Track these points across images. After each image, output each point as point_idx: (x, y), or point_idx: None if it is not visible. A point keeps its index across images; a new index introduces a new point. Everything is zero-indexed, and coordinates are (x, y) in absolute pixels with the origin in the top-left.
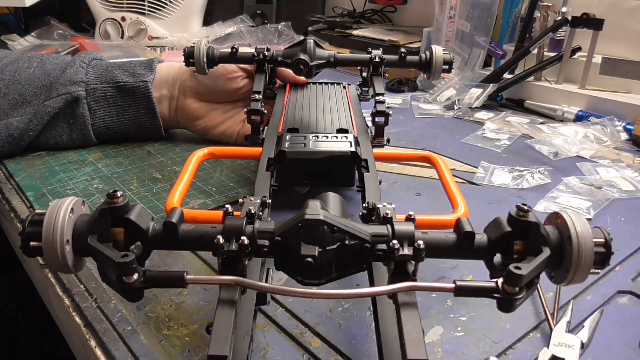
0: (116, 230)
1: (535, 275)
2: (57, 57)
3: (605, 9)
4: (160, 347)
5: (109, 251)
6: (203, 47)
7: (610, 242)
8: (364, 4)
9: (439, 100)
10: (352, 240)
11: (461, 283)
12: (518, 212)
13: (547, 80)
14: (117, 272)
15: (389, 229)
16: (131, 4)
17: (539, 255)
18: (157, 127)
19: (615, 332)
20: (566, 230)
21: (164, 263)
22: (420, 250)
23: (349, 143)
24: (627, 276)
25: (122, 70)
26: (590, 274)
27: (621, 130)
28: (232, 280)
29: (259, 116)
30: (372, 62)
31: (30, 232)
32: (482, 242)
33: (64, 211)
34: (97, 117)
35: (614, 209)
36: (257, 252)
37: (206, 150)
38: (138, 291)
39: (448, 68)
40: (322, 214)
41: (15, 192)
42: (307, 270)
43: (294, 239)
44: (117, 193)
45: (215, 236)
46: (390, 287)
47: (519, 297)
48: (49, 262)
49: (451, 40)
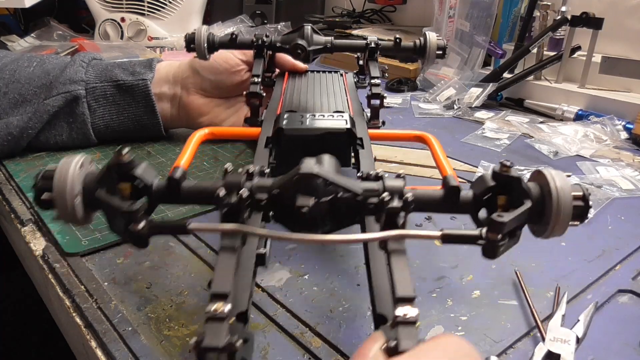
0: (123, 185)
1: (517, 225)
2: (57, 57)
3: (604, 8)
4: (160, 348)
5: (117, 201)
6: (203, 33)
7: (589, 196)
8: (363, 4)
9: (439, 99)
10: (346, 194)
11: (447, 231)
12: (501, 168)
13: (546, 80)
14: (125, 220)
15: (379, 185)
16: (131, 5)
17: (521, 207)
18: (157, 125)
19: (616, 331)
20: (546, 185)
21: (165, 263)
22: (409, 202)
23: (345, 121)
24: (627, 275)
25: (122, 69)
26: (569, 226)
27: (621, 129)
28: (234, 227)
29: (257, 99)
30: (368, 48)
31: (42, 185)
32: (468, 196)
33: (74, 166)
34: (97, 115)
35: (614, 208)
36: (255, 205)
37: (207, 130)
38: (145, 238)
39: (442, 53)
40: (316, 168)
41: (15, 193)
42: (303, 220)
43: (291, 192)
44: (123, 150)
45: (216, 191)
46: (380, 234)
47: (502, 244)
48: (61, 213)
49: (451, 39)
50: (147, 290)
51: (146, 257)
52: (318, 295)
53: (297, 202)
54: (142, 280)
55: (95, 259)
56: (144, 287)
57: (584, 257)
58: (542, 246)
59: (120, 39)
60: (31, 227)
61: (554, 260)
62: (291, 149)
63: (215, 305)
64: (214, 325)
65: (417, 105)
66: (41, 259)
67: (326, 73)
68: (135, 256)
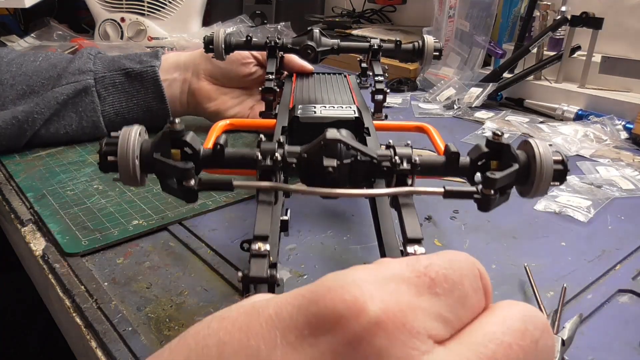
0: (174, 150)
1: (507, 184)
2: (61, 54)
3: (604, 7)
4: (160, 348)
5: (172, 162)
6: (221, 35)
7: (567, 161)
8: (363, 4)
9: (439, 99)
10: (364, 157)
11: (449, 187)
12: (493, 137)
13: (546, 80)
14: (179, 177)
15: (391, 151)
16: (130, 5)
17: (510, 168)
18: (166, 110)
19: (616, 331)
20: (531, 151)
21: (165, 263)
22: (417, 165)
23: (353, 111)
24: (627, 275)
25: (129, 59)
26: (550, 186)
27: (621, 129)
28: (270, 185)
29: (272, 94)
30: (371, 49)
31: (107, 150)
32: (465, 162)
33: (135, 133)
34: (107, 103)
35: (614, 208)
36: (287, 168)
37: (228, 121)
38: (195, 193)
39: (438, 55)
40: (339, 134)
41: (15, 193)
42: (328, 179)
43: (317, 156)
44: (175, 119)
45: (254, 155)
46: (394, 190)
47: (494, 198)
48: (123, 174)
49: (450, 39)
50: (147, 290)
51: (146, 257)
52: None
53: (324, 163)
54: (142, 280)
55: (95, 259)
56: (144, 287)
57: (584, 257)
58: (542, 246)
59: (120, 39)
60: (31, 227)
61: (554, 260)
62: (305, 136)
63: (258, 244)
64: (258, 261)
65: (417, 105)
66: (41, 259)
67: (331, 75)
68: (135, 256)
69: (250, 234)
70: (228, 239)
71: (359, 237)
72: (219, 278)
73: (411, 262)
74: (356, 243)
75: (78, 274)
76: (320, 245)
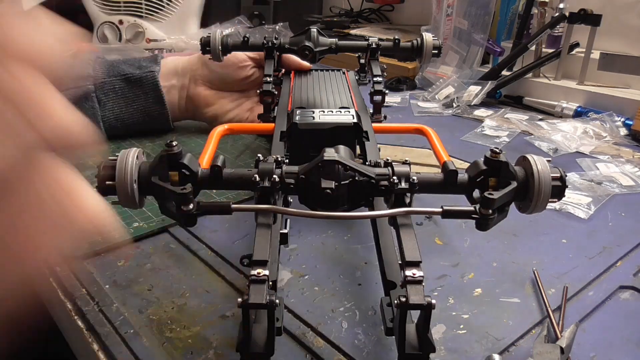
0: (172, 173)
1: (505, 202)
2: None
3: (602, 4)
4: (162, 350)
5: (170, 186)
6: (218, 36)
7: (565, 177)
8: (361, 3)
9: (438, 98)
10: (361, 177)
11: (447, 208)
12: (491, 154)
13: (545, 77)
14: (178, 202)
15: (389, 170)
16: (128, 7)
17: (508, 187)
18: (165, 115)
19: (617, 327)
20: (529, 168)
21: (166, 265)
22: (415, 184)
23: (352, 116)
24: (628, 271)
25: (128, 64)
26: (549, 203)
27: (620, 125)
28: (268, 207)
29: (270, 97)
30: (369, 48)
31: (105, 174)
32: (464, 179)
33: (132, 157)
34: (107, 109)
35: (615, 204)
36: (285, 188)
37: (226, 126)
38: (194, 217)
39: (437, 52)
40: (337, 155)
41: None
42: (326, 200)
43: (315, 177)
44: (172, 142)
45: (252, 177)
46: (392, 211)
47: (492, 218)
48: (121, 198)
49: (449, 38)
50: (148, 293)
51: (147, 260)
52: (319, 295)
53: (322, 185)
54: (143, 282)
55: (96, 262)
56: (145, 289)
57: (584, 254)
58: (543, 243)
59: (119, 41)
60: None
61: (555, 258)
62: (304, 141)
63: (257, 270)
64: (257, 287)
65: (416, 104)
66: None
67: (329, 71)
68: (136, 258)
69: (250, 234)
70: (229, 240)
71: (359, 237)
72: (220, 279)
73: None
74: (356, 243)
75: (79, 277)
76: (320, 245)
